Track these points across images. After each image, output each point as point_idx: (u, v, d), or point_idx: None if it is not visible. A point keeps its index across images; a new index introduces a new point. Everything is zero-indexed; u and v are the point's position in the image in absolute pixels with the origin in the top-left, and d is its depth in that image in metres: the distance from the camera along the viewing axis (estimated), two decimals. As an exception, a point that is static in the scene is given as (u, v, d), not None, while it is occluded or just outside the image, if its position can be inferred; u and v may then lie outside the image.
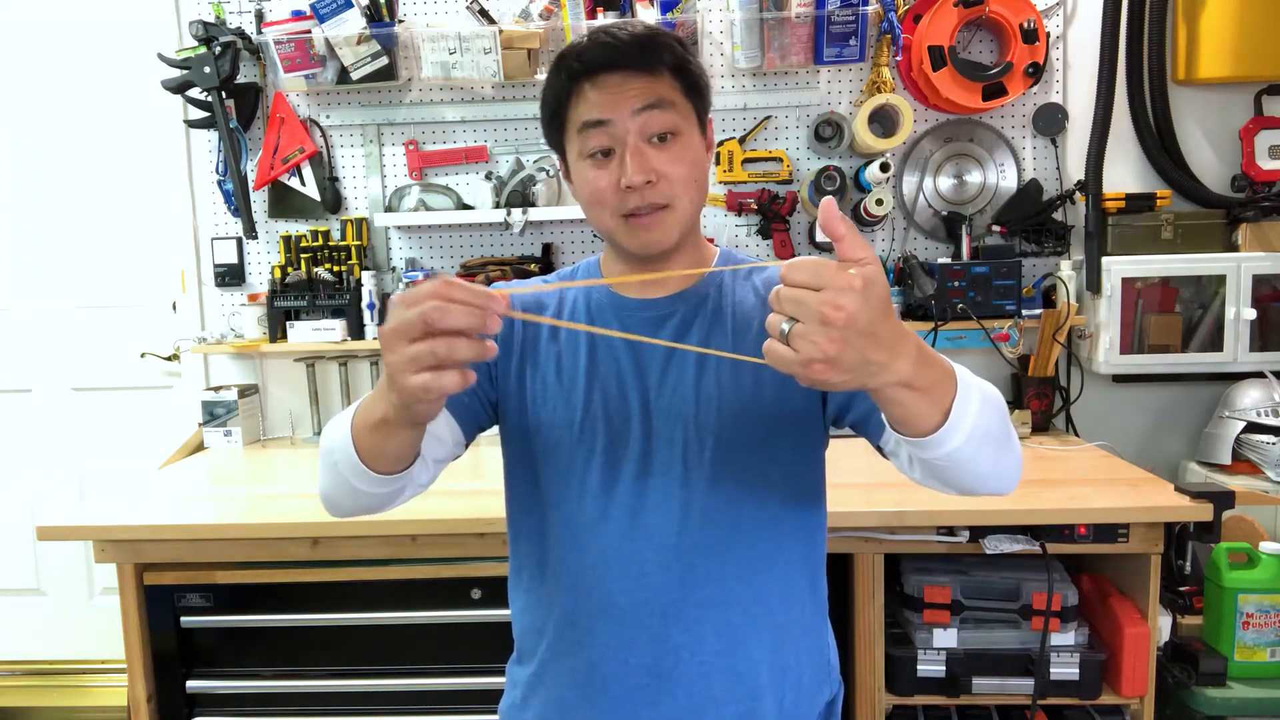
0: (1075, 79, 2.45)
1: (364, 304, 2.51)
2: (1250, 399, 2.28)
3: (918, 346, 0.75)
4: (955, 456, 0.81)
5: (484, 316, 0.73)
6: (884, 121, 2.42)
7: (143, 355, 2.77)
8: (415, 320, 0.73)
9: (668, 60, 1.00)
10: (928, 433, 0.79)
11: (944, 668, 1.82)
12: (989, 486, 0.88)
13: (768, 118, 2.50)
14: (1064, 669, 1.79)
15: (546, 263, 2.52)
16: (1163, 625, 1.88)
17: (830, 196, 0.76)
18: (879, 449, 0.99)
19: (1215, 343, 2.31)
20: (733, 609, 1.04)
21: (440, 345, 0.73)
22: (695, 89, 1.03)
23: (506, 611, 1.17)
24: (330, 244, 2.54)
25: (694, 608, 1.03)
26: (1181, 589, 1.93)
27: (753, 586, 1.04)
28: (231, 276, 2.62)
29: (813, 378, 0.69)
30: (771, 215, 2.47)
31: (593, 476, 1.04)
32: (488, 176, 2.49)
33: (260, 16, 2.46)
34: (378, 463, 0.92)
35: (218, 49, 2.38)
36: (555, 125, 1.05)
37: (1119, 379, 2.48)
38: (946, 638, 1.82)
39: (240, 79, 2.47)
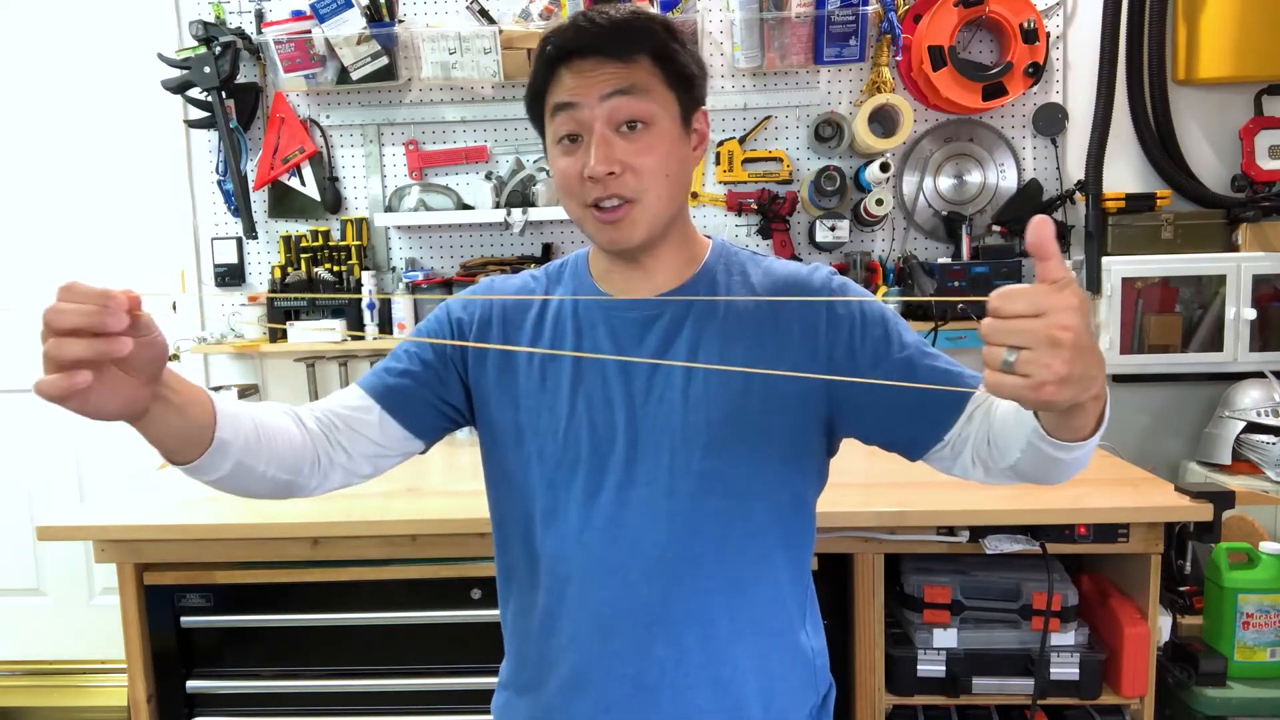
0: (1075, 79, 2.45)
1: (364, 304, 2.51)
2: (1250, 399, 2.27)
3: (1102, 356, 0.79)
4: (1086, 456, 0.86)
5: (100, 315, 0.73)
6: (884, 121, 2.41)
7: (143, 355, 2.77)
8: (43, 327, 0.76)
9: (646, 46, 0.97)
10: (1087, 436, 0.83)
11: (944, 668, 1.82)
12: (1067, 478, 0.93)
13: (768, 118, 2.50)
14: (1064, 669, 1.79)
15: (546, 262, 2.52)
16: (1163, 625, 1.88)
17: (1045, 215, 0.76)
18: (915, 459, 1.02)
19: (1215, 343, 2.31)
20: (717, 622, 1.03)
21: (52, 345, 0.75)
22: (679, 79, 1.00)
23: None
24: (330, 244, 2.54)
25: (678, 621, 1.02)
26: (1181, 589, 1.93)
27: (737, 598, 1.03)
28: (231, 276, 2.62)
29: (1043, 399, 0.71)
30: (771, 215, 2.46)
31: (577, 486, 1.03)
32: (488, 176, 2.49)
33: (260, 16, 2.47)
34: (175, 455, 0.94)
35: (218, 49, 2.38)
36: (535, 109, 1.04)
37: (1119, 379, 2.47)
38: (946, 638, 1.82)
39: (240, 79, 2.47)
